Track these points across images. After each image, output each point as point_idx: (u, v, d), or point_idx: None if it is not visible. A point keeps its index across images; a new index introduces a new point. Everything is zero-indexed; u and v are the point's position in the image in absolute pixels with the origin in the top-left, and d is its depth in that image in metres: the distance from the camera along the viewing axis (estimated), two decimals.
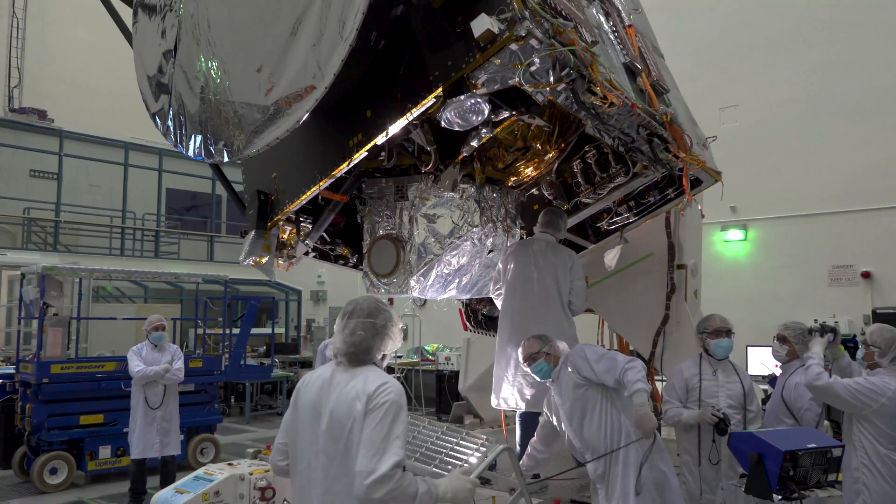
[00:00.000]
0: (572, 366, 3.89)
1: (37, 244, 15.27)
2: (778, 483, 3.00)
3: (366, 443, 2.48)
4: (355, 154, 3.64)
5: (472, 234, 4.30)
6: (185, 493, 4.20)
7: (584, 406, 3.82)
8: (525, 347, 4.11)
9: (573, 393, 3.86)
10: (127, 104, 14.57)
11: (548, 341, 4.06)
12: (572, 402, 3.86)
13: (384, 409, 2.51)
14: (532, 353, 4.05)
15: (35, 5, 16.80)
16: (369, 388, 2.57)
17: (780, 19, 11.80)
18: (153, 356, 7.02)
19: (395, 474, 2.43)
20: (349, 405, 2.56)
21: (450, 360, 13.39)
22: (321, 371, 2.78)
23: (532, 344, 4.07)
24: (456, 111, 3.35)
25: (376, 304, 2.78)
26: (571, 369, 3.88)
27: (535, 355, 4.03)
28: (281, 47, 3.28)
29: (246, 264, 4.35)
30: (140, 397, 6.94)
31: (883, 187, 10.64)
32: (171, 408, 7.12)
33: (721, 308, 4.70)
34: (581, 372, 3.82)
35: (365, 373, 2.64)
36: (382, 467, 2.41)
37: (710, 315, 4.42)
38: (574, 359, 3.91)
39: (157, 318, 7.23)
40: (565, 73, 3.28)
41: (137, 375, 6.86)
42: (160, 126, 3.97)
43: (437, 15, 3.34)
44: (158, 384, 6.97)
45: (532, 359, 4.05)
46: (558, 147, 4.92)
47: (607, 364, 3.75)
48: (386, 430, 2.49)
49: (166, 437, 7.03)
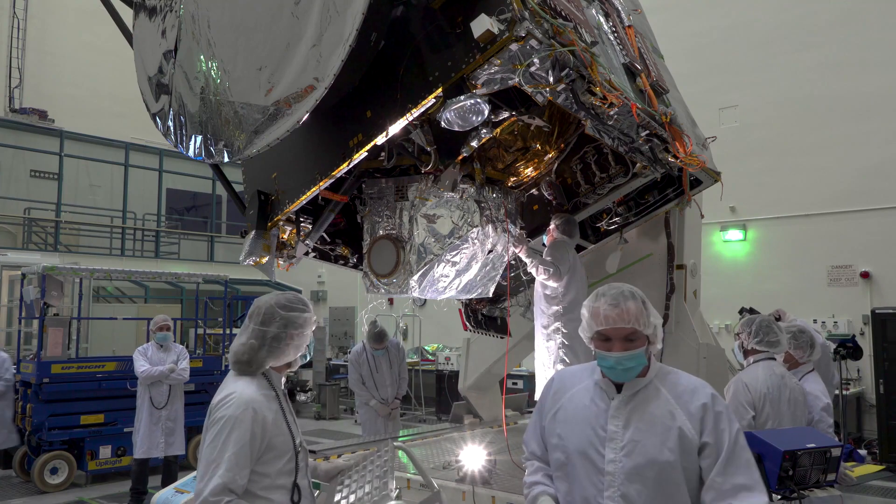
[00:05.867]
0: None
1: (37, 244, 15.28)
2: (777, 483, 3.01)
3: (200, 462, 2.34)
4: (355, 154, 3.64)
5: (472, 235, 4.31)
6: (185, 492, 4.20)
7: None
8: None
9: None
10: (127, 104, 14.68)
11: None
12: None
13: (219, 425, 2.33)
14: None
15: (35, 5, 16.80)
16: (215, 399, 2.42)
17: (779, 19, 11.81)
18: (159, 356, 7.06)
19: (218, 501, 2.25)
20: (206, 416, 2.44)
21: (450, 360, 13.42)
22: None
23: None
24: (456, 111, 3.35)
25: (273, 308, 2.55)
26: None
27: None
28: (281, 47, 3.28)
29: (246, 264, 4.35)
30: (145, 397, 6.99)
31: (882, 187, 10.65)
32: (177, 408, 7.17)
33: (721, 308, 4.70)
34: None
35: (232, 382, 2.47)
36: (206, 491, 2.25)
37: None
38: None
39: (162, 319, 7.26)
40: (565, 74, 3.29)
41: (142, 376, 6.91)
42: (160, 126, 3.98)
43: (437, 15, 3.34)
44: (163, 384, 7.03)
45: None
46: (558, 147, 4.93)
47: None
48: (217, 449, 2.30)
49: (171, 436, 7.06)
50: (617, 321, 2.26)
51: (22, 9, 16.53)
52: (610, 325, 2.27)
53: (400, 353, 7.56)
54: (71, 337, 9.25)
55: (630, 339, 2.27)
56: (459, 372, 6.89)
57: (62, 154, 15.36)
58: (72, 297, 11.42)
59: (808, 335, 4.48)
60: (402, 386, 7.53)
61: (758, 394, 3.86)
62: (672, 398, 2.27)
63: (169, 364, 7.02)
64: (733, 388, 3.95)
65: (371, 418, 7.43)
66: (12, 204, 15.10)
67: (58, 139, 15.44)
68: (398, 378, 7.50)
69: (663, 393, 2.29)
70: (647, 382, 2.32)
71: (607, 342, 2.29)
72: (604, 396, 2.34)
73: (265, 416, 2.40)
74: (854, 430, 10.21)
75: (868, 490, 7.95)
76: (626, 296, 2.29)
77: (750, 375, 3.95)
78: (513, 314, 5.85)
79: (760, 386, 3.87)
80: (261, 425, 2.38)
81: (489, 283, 4.97)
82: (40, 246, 15.21)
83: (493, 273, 4.94)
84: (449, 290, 4.59)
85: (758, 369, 3.96)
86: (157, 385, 7.01)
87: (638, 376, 2.31)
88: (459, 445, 4.70)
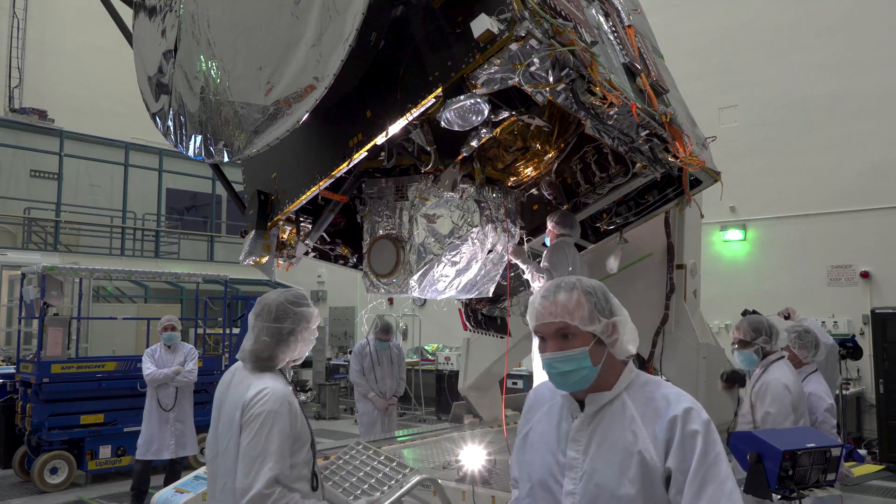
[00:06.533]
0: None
1: (37, 244, 15.28)
2: (777, 482, 3.01)
3: (242, 458, 2.38)
4: (355, 154, 3.64)
5: (472, 235, 4.30)
6: (185, 492, 4.20)
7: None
8: (739, 330, 4.10)
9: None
10: (127, 104, 14.71)
11: (767, 333, 4.04)
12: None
13: (259, 420, 2.39)
14: (745, 339, 4.06)
15: (35, 5, 16.81)
16: (247, 396, 2.46)
17: (779, 19, 11.82)
18: (166, 357, 7.02)
19: (272, 493, 2.32)
20: (234, 410, 2.48)
21: (450, 360, 13.42)
22: (233, 367, 2.70)
23: (747, 331, 4.07)
24: (456, 111, 3.35)
25: (285, 305, 2.61)
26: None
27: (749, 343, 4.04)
28: (281, 47, 3.28)
29: (246, 264, 4.35)
30: (153, 399, 6.94)
31: (882, 187, 10.65)
32: (185, 409, 7.10)
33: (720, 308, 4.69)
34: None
35: (258, 379, 2.53)
36: (257, 485, 2.31)
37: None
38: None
39: (167, 319, 7.20)
40: (565, 74, 3.28)
41: (147, 378, 6.87)
42: (160, 126, 3.98)
43: (437, 15, 3.34)
44: (170, 386, 6.96)
45: (744, 345, 4.06)
46: (558, 147, 4.93)
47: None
48: (262, 444, 2.36)
49: (182, 438, 7.01)
50: (544, 315, 1.89)
51: (22, 9, 16.54)
52: (540, 321, 1.90)
53: (401, 355, 7.69)
54: (71, 337, 9.25)
55: (564, 336, 1.86)
56: (459, 372, 6.90)
57: (62, 154, 15.36)
58: (72, 296, 11.43)
59: (812, 335, 4.47)
60: (400, 386, 7.64)
61: (798, 395, 3.87)
62: (638, 416, 1.84)
63: (175, 366, 6.96)
64: (772, 391, 3.86)
65: (368, 411, 7.62)
66: (12, 204, 15.11)
67: (58, 139, 15.44)
68: (398, 377, 7.60)
69: (630, 410, 1.86)
70: (613, 397, 1.89)
71: (544, 343, 1.92)
72: (569, 416, 1.96)
73: (297, 409, 2.51)
74: (854, 430, 10.21)
75: (868, 490, 7.95)
76: (561, 286, 1.91)
77: (786, 376, 3.91)
78: (513, 314, 5.85)
79: (795, 386, 3.89)
80: (295, 418, 2.48)
81: (489, 283, 4.97)
82: (40, 246, 15.22)
83: (493, 273, 4.94)
84: (449, 290, 4.59)
85: (785, 368, 3.96)
86: (163, 387, 6.94)
87: (601, 389, 1.90)
88: (459, 445, 4.71)
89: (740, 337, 4.08)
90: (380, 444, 4.49)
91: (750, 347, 4.02)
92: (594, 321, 1.86)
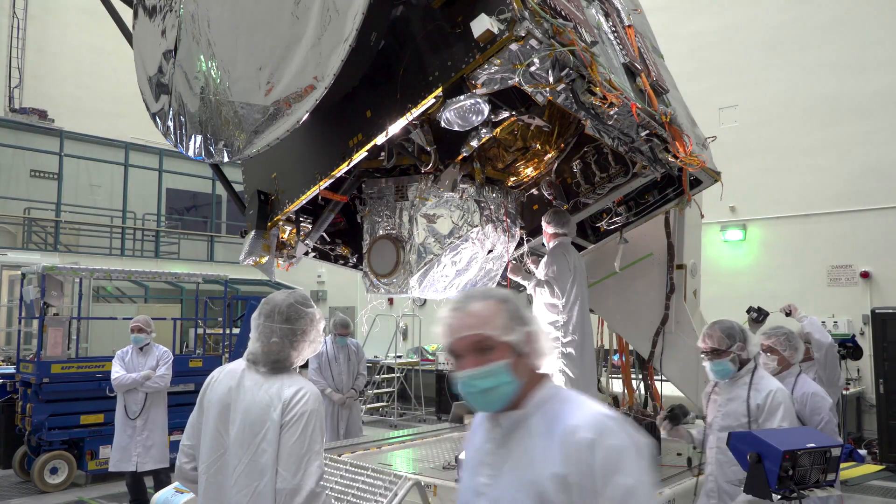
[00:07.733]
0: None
1: (37, 244, 15.29)
2: (777, 482, 3.00)
3: (288, 457, 2.39)
4: (355, 154, 3.65)
5: (472, 235, 4.31)
6: (185, 492, 4.21)
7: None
8: (712, 338, 3.59)
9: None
10: (127, 104, 14.67)
11: (741, 339, 3.58)
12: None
13: (304, 419, 2.42)
14: (720, 348, 3.58)
15: (35, 5, 16.81)
16: (285, 394, 2.46)
17: (779, 19, 11.82)
18: (137, 360, 6.44)
19: (323, 490, 2.38)
20: (262, 411, 2.46)
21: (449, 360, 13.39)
22: (231, 368, 2.65)
23: (721, 338, 3.57)
24: (456, 111, 3.35)
25: (296, 307, 2.61)
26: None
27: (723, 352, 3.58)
28: (281, 47, 3.28)
29: (246, 264, 4.36)
30: (121, 405, 6.40)
31: (882, 187, 10.66)
32: (154, 418, 6.44)
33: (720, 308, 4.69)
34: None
35: (287, 379, 2.54)
36: (309, 483, 2.35)
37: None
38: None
39: (137, 320, 6.58)
40: (565, 74, 3.29)
41: (114, 383, 6.33)
42: (160, 126, 3.98)
43: (437, 15, 3.35)
44: (139, 392, 6.34)
45: (717, 354, 3.58)
46: (558, 147, 4.93)
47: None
48: (307, 443, 2.39)
49: (148, 450, 6.36)
50: (460, 328, 1.70)
51: (22, 9, 16.55)
52: (455, 336, 1.71)
53: (359, 353, 7.69)
54: (71, 337, 9.25)
55: (480, 350, 1.67)
56: None
57: (62, 154, 15.37)
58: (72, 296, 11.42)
59: (796, 337, 4.39)
60: (359, 381, 7.63)
61: (828, 402, 3.95)
62: (547, 437, 1.63)
63: (145, 371, 6.36)
64: (812, 402, 3.91)
65: (327, 406, 7.56)
66: (12, 204, 15.11)
67: (58, 139, 15.45)
68: (356, 374, 7.61)
69: (539, 430, 1.66)
70: (523, 417, 1.70)
71: (459, 361, 1.72)
72: (490, 436, 1.77)
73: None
74: (854, 430, 10.22)
75: (868, 490, 7.95)
76: (472, 297, 1.74)
77: (815, 384, 4.01)
78: None
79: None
80: (324, 416, 2.60)
81: (489, 283, 4.97)
82: (40, 246, 15.22)
83: (493, 273, 4.94)
84: (449, 290, 4.59)
85: (813, 381, 4.08)
86: (132, 392, 6.33)
87: (515, 407, 1.71)
88: (459, 445, 4.70)
89: (713, 345, 3.58)
90: (340, 451, 4.47)
91: (725, 356, 3.58)
92: (512, 330, 1.68)
